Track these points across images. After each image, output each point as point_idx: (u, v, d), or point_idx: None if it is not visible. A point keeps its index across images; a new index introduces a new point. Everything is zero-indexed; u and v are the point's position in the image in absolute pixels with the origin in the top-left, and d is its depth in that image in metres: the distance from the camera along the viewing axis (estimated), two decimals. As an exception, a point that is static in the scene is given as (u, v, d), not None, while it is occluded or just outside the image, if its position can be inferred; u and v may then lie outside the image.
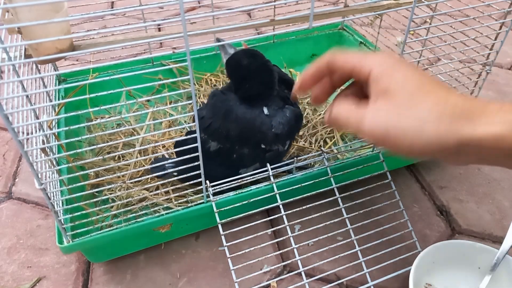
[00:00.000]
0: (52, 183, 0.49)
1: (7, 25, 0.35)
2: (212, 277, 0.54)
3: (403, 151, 0.34)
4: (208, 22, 0.98)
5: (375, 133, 0.34)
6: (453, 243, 0.51)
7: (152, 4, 0.41)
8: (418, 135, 0.32)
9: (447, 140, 0.32)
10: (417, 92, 0.33)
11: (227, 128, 0.54)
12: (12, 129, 0.35)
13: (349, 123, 0.37)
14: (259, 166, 0.56)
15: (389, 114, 0.34)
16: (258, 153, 0.55)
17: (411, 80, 0.34)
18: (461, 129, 0.31)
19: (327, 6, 1.14)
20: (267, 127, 0.54)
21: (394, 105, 0.34)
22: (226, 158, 0.56)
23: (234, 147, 0.55)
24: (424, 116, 0.32)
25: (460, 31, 0.56)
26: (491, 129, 0.31)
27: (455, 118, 0.32)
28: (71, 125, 0.41)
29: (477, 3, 0.55)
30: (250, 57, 0.55)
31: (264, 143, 0.54)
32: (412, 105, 0.33)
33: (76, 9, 0.90)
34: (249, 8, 0.50)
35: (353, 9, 0.48)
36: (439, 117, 0.32)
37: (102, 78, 0.56)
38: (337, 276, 0.54)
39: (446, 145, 0.32)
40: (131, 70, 0.72)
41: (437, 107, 0.32)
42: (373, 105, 0.35)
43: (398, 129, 0.33)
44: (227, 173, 0.53)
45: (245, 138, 0.55)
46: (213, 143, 0.55)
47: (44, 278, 0.55)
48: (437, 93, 0.33)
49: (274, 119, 0.54)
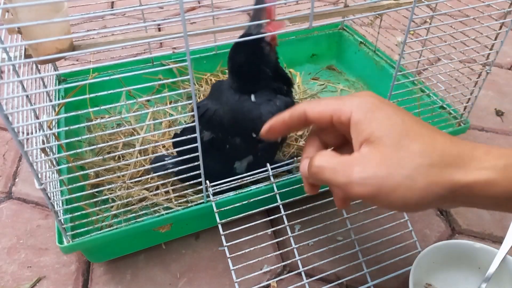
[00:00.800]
0: (52, 183, 0.49)
1: (7, 25, 0.35)
2: (212, 277, 0.54)
3: (396, 207, 0.33)
4: (208, 22, 0.98)
5: (366, 190, 0.32)
6: (453, 243, 0.51)
7: (152, 4, 0.40)
8: (410, 191, 0.31)
9: (439, 190, 0.31)
10: (402, 139, 0.32)
11: (220, 116, 0.54)
12: (12, 129, 0.35)
13: (336, 177, 0.34)
14: (252, 159, 0.56)
15: (378, 169, 0.32)
16: (250, 144, 0.55)
17: (394, 125, 0.33)
18: (451, 177, 0.31)
19: (327, 6, 1.14)
20: (256, 114, 0.53)
21: (382, 157, 0.32)
22: (220, 149, 0.56)
23: (227, 137, 0.55)
24: (414, 170, 0.31)
25: (460, 31, 0.56)
26: (480, 176, 0.31)
27: (444, 166, 0.31)
28: (71, 125, 0.41)
29: (477, 3, 0.54)
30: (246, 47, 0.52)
31: (255, 131, 0.54)
32: (399, 156, 0.32)
33: (76, 9, 0.90)
34: (249, 8, 0.50)
35: (353, 9, 0.48)
36: (429, 168, 0.31)
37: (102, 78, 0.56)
38: (337, 276, 0.54)
39: (439, 195, 0.31)
40: (131, 70, 0.72)
41: (425, 158, 0.31)
42: (358, 155, 0.33)
43: (389, 187, 0.31)
44: (221, 167, 0.53)
45: (236, 126, 0.54)
46: (207, 133, 0.56)
47: (44, 278, 0.55)
48: (423, 138, 0.32)
49: (263, 107, 0.53)
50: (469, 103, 0.64)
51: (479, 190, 0.31)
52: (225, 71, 0.81)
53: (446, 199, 0.32)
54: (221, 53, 0.80)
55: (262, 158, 0.55)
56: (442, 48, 0.60)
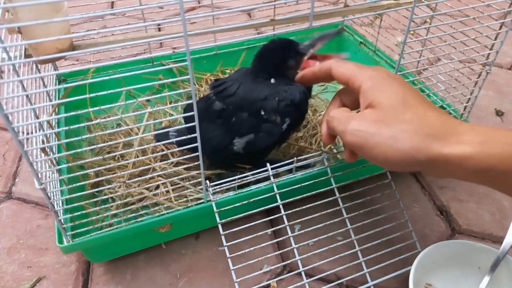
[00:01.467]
0: (52, 183, 0.49)
1: (7, 25, 0.35)
2: (212, 277, 0.54)
3: (378, 161, 0.38)
4: (208, 22, 0.98)
5: (355, 140, 0.38)
6: (453, 243, 0.51)
7: (152, 4, 0.40)
8: (391, 149, 0.36)
9: (417, 155, 0.35)
10: (398, 107, 0.37)
11: (235, 89, 0.56)
12: (12, 129, 0.35)
13: (338, 126, 0.41)
14: (253, 138, 0.56)
15: (370, 125, 0.37)
16: (255, 122, 0.55)
17: (395, 95, 0.38)
18: (430, 147, 0.35)
19: (327, 6, 1.14)
20: (271, 93, 0.55)
21: (376, 118, 0.37)
22: (226, 121, 0.57)
23: (236, 110, 0.56)
24: (399, 133, 0.36)
25: (460, 31, 0.56)
26: (457, 149, 0.34)
27: (427, 136, 0.35)
28: (71, 124, 0.41)
29: (477, 3, 0.55)
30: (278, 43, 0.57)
31: (264, 109, 0.54)
32: (392, 120, 0.37)
33: (76, 9, 0.90)
34: (249, 8, 0.50)
35: (353, 9, 0.48)
36: (413, 134, 0.35)
37: (102, 78, 0.56)
38: (337, 276, 0.54)
39: (417, 161, 0.35)
40: (131, 70, 0.72)
41: (412, 125, 0.36)
42: (359, 115, 0.40)
43: (374, 142, 0.37)
44: (221, 139, 0.56)
45: (248, 100, 0.55)
46: (218, 103, 0.57)
47: (44, 278, 0.55)
48: (417, 109, 0.37)
49: (279, 87, 0.55)
50: (469, 103, 0.64)
51: (455, 163, 0.34)
52: (225, 71, 0.81)
53: (424, 166, 0.36)
54: (221, 53, 0.80)
55: (263, 139, 0.55)
56: (442, 48, 0.60)
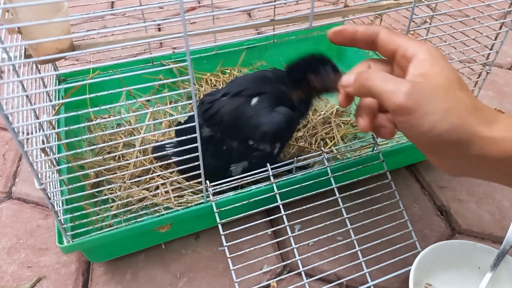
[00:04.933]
0: (52, 183, 0.49)
1: (7, 25, 0.35)
2: (212, 277, 0.54)
3: (420, 131, 0.36)
4: (208, 22, 0.98)
5: (408, 103, 0.36)
6: (453, 243, 0.51)
7: (152, 4, 0.40)
8: (440, 121, 0.35)
9: (461, 133, 0.35)
10: (453, 85, 0.37)
11: (221, 115, 0.54)
12: (12, 129, 0.35)
13: (384, 85, 0.37)
14: (247, 165, 0.56)
15: (425, 93, 0.36)
16: (246, 150, 0.55)
17: (452, 73, 0.38)
18: (475, 127, 0.35)
19: (327, 6, 1.14)
20: (255, 123, 0.53)
21: (432, 87, 0.36)
22: (217, 148, 0.56)
23: (225, 138, 0.55)
24: (453, 108, 0.35)
25: (460, 31, 0.56)
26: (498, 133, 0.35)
27: (475, 116, 0.35)
28: (71, 125, 0.41)
29: (477, 3, 0.55)
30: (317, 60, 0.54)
31: (252, 139, 0.54)
32: (448, 94, 0.36)
33: (76, 9, 0.90)
34: (249, 8, 0.50)
35: (353, 9, 0.48)
36: (463, 111, 0.35)
37: (102, 78, 0.56)
38: (337, 276, 0.54)
39: (458, 138, 0.35)
40: (131, 70, 0.72)
41: (464, 103, 0.36)
42: (412, 79, 0.37)
43: (428, 110, 0.35)
44: (217, 164, 0.54)
45: (234, 129, 0.54)
46: (206, 129, 0.56)
47: (44, 278, 0.55)
48: (467, 92, 0.37)
49: (263, 116, 0.53)
50: (469, 103, 0.64)
51: (492, 146, 0.35)
52: (225, 71, 0.81)
53: (462, 145, 0.36)
54: (221, 53, 0.80)
55: (258, 166, 0.54)
56: (442, 48, 0.60)
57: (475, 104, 0.37)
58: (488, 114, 0.37)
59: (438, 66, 0.38)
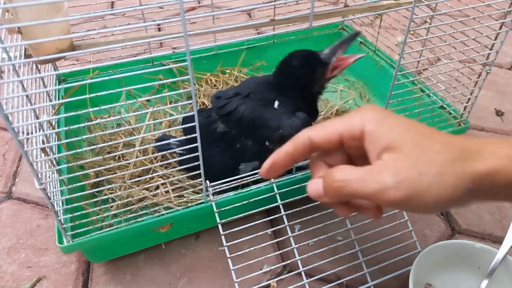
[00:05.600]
0: (52, 183, 0.49)
1: (7, 25, 0.35)
2: (212, 277, 0.54)
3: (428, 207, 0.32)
4: (208, 22, 0.98)
5: (402, 194, 0.32)
6: (453, 243, 0.51)
7: (152, 4, 0.40)
8: (442, 188, 0.31)
9: (466, 183, 0.32)
10: (422, 141, 0.33)
11: (240, 113, 0.54)
12: (12, 129, 0.35)
13: (366, 187, 0.32)
14: (258, 165, 0.56)
15: (409, 170, 0.32)
16: (260, 150, 0.55)
17: (409, 129, 0.34)
18: (473, 169, 0.31)
19: (327, 6, 1.14)
20: (276, 124, 0.54)
21: (408, 160, 0.32)
22: (229, 146, 0.56)
23: (240, 136, 0.55)
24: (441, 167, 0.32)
25: (460, 31, 0.56)
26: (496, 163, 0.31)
27: (465, 159, 0.32)
28: (71, 125, 0.41)
29: (477, 3, 0.54)
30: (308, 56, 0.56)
31: (269, 140, 0.54)
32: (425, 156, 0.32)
33: (76, 9, 0.90)
34: (249, 8, 0.50)
35: (353, 9, 0.48)
36: (454, 162, 0.32)
37: (102, 78, 0.56)
38: (337, 276, 0.54)
39: (466, 189, 0.32)
40: (131, 70, 0.72)
41: (448, 154, 0.32)
42: (383, 162, 0.33)
43: (423, 186, 0.31)
44: (227, 161, 0.53)
45: (253, 128, 0.55)
46: (221, 125, 0.56)
47: (44, 278, 0.55)
48: (440, 138, 0.33)
49: (284, 120, 0.54)
50: (469, 103, 0.64)
51: (497, 177, 0.31)
52: (225, 71, 0.81)
53: (473, 192, 0.32)
54: (221, 53, 0.80)
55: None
56: (442, 48, 0.60)
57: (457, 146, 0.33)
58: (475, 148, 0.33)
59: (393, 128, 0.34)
